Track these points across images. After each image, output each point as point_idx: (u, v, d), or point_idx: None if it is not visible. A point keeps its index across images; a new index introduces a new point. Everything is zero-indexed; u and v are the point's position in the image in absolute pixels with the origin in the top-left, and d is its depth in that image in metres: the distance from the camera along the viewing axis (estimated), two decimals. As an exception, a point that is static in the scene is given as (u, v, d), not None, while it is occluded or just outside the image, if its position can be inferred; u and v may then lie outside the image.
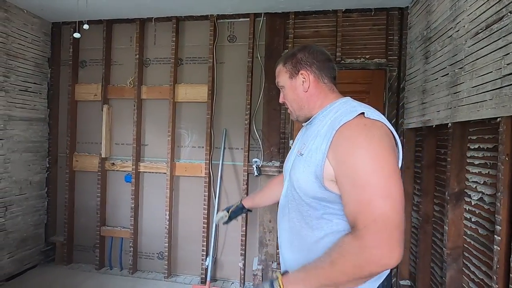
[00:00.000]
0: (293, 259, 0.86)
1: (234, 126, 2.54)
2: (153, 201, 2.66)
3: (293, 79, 0.91)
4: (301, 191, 0.81)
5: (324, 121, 0.83)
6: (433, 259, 1.84)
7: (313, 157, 0.78)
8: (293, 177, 0.85)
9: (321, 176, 0.75)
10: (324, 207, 0.78)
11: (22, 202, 2.54)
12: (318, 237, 0.79)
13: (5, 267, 2.39)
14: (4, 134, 2.37)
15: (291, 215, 0.86)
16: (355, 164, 0.69)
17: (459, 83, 1.45)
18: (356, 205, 0.67)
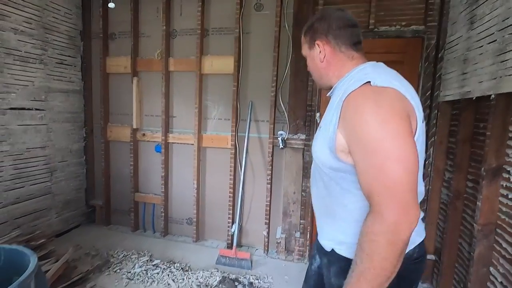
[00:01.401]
0: (324, 221, 0.90)
1: (260, 98, 2.53)
2: (182, 171, 2.78)
3: (311, 50, 0.92)
4: (320, 162, 0.83)
5: (340, 91, 0.80)
6: (461, 235, 1.81)
7: (327, 129, 0.78)
8: (313, 149, 0.87)
9: (333, 147, 0.76)
10: (342, 178, 0.78)
11: (64, 168, 2.76)
12: (342, 204, 0.81)
13: (54, 225, 2.66)
14: (46, 105, 2.53)
15: (317, 183, 0.89)
16: (364, 131, 0.67)
17: (508, 50, 1.33)
18: (369, 172, 0.66)
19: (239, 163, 2.61)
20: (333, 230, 0.86)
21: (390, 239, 0.61)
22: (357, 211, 0.78)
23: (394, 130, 0.65)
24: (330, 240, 0.87)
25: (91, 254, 2.39)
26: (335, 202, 0.82)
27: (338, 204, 0.81)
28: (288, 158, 2.48)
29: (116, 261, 2.30)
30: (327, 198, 0.85)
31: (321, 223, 0.92)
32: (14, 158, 2.31)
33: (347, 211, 0.80)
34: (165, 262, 2.30)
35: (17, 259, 1.12)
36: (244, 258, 2.33)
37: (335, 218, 0.84)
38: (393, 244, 0.62)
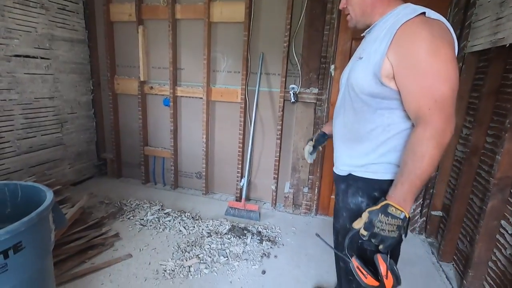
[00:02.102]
0: (345, 149, 1.02)
1: (272, 49, 2.40)
2: (191, 125, 2.76)
3: None
4: (359, 89, 0.91)
5: (383, 26, 0.87)
6: (473, 190, 1.79)
7: (371, 58, 0.86)
8: (351, 78, 0.94)
9: (378, 72, 0.84)
10: (378, 103, 0.88)
11: (74, 120, 2.77)
12: (370, 128, 0.92)
13: (68, 175, 2.74)
14: (50, 54, 2.46)
15: (346, 112, 0.99)
16: (418, 55, 0.77)
17: (557, -15, 1.18)
18: (419, 91, 0.78)
19: (249, 118, 2.56)
20: (353, 155, 0.98)
21: (439, 142, 0.75)
22: (383, 133, 0.90)
23: (443, 56, 0.76)
24: (348, 166, 1.01)
25: (105, 203, 2.48)
26: (364, 127, 0.93)
27: (366, 128, 0.92)
28: (299, 113, 2.42)
29: (129, 209, 2.39)
30: (356, 124, 0.95)
31: (341, 152, 1.05)
32: (23, 108, 2.30)
33: (374, 134, 0.92)
34: (176, 211, 2.38)
35: (34, 195, 1.14)
36: (252, 210, 2.39)
37: (359, 142, 0.95)
38: (440, 146, 0.76)
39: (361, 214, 0.86)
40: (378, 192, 0.92)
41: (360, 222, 0.83)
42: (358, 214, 0.88)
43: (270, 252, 1.96)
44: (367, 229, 0.80)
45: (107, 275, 1.67)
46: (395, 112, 0.87)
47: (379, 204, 0.81)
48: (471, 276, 1.63)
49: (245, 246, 1.98)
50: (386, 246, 0.80)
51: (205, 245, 1.95)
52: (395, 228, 0.78)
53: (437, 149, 0.75)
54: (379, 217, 0.79)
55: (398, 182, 0.81)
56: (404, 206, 0.79)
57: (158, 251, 1.89)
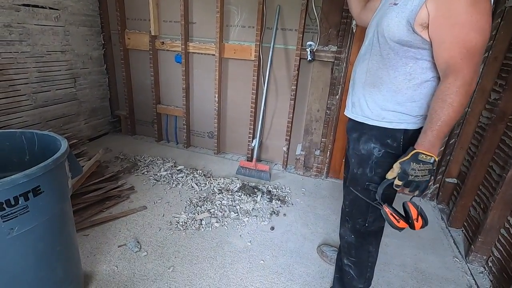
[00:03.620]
0: (363, 94, 1.03)
1: (289, 2, 2.23)
2: (203, 83, 2.70)
3: None
4: (388, 35, 0.91)
5: None
6: (494, 158, 1.72)
7: (408, 4, 0.85)
8: (382, 24, 0.92)
9: (413, 20, 0.84)
10: (405, 51, 0.89)
11: (86, 75, 2.75)
12: (392, 76, 0.93)
13: (83, 131, 2.80)
14: (59, 4, 2.37)
15: (371, 58, 0.99)
16: (459, 5, 0.77)
17: None
18: (454, 41, 0.79)
19: (262, 77, 2.47)
20: (371, 102, 1.00)
21: (467, 90, 0.79)
22: (404, 82, 0.92)
23: (482, 8, 0.77)
24: (362, 111, 1.03)
25: (120, 158, 2.55)
26: (387, 74, 0.94)
27: (389, 75, 0.94)
28: (316, 73, 2.31)
29: (143, 165, 2.45)
30: (379, 70, 0.96)
31: (358, 98, 1.04)
32: (36, 61, 2.28)
33: (395, 82, 0.93)
34: (188, 169, 2.43)
35: (50, 144, 1.17)
36: (263, 170, 2.41)
37: (380, 88, 0.97)
38: (468, 94, 0.80)
39: (371, 159, 1.01)
40: (390, 140, 0.98)
41: (393, 172, 0.89)
42: (367, 159, 1.02)
43: (279, 210, 2.01)
44: (402, 179, 0.86)
45: (123, 224, 1.76)
46: (419, 63, 0.89)
47: (408, 153, 0.86)
48: (480, 242, 1.63)
49: (255, 204, 2.03)
50: (421, 190, 0.87)
51: (216, 201, 2.01)
52: (427, 173, 0.85)
53: (465, 97, 0.80)
54: (411, 165, 0.84)
55: (427, 129, 0.84)
56: (433, 151, 0.84)
57: (171, 205, 1.97)
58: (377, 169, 1.01)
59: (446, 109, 0.80)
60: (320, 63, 2.26)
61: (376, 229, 1.14)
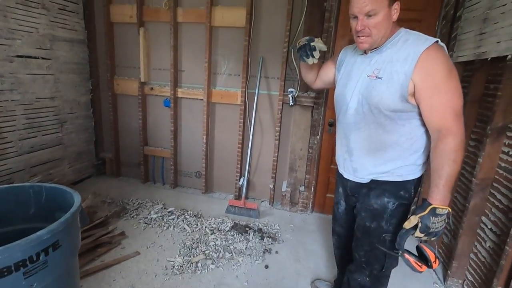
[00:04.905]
0: (369, 160, 1.13)
1: (271, 54, 2.51)
2: (191, 125, 2.83)
3: (390, 7, 1.01)
4: (383, 107, 1.03)
5: (394, 48, 1.03)
6: (457, 189, 1.96)
7: (395, 78, 0.99)
8: (373, 97, 1.04)
9: (406, 93, 0.99)
10: (399, 116, 1.03)
11: (73, 120, 2.78)
12: (396, 138, 1.07)
13: (67, 175, 2.76)
14: (51, 54, 2.47)
15: (369, 126, 1.09)
16: (440, 77, 0.94)
17: (533, 9, 1.34)
18: (443, 106, 0.95)
19: (248, 119, 2.66)
20: (378, 164, 1.11)
21: (464, 146, 0.95)
22: (407, 141, 1.06)
23: (455, 76, 0.95)
24: (372, 174, 1.14)
25: (107, 202, 2.52)
26: (390, 137, 1.06)
27: (392, 138, 1.06)
28: (297, 116, 2.54)
29: (132, 208, 2.44)
30: (381, 136, 1.08)
31: (363, 162, 1.15)
32: (25, 108, 2.31)
33: (399, 142, 1.07)
34: (178, 210, 2.46)
35: (58, 196, 1.20)
36: (252, 208, 2.49)
37: (385, 150, 1.09)
38: (464, 148, 0.96)
39: (386, 212, 1.11)
40: (403, 191, 1.09)
41: (410, 223, 0.95)
42: (382, 213, 1.11)
43: (271, 248, 2.08)
44: (423, 231, 0.93)
45: (117, 271, 1.74)
46: (412, 122, 1.04)
47: (426, 208, 0.93)
48: (455, 267, 1.80)
49: (247, 243, 2.08)
50: (438, 237, 0.97)
51: (210, 242, 2.04)
52: (444, 223, 0.94)
53: (463, 152, 0.95)
54: (431, 220, 0.92)
55: (439, 185, 0.93)
56: (446, 203, 0.94)
57: (165, 248, 1.97)
58: (392, 220, 1.10)
59: (452, 165, 0.92)
60: (301, 107, 2.50)
61: (391, 271, 1.23)
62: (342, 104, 1.17)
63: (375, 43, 1.05)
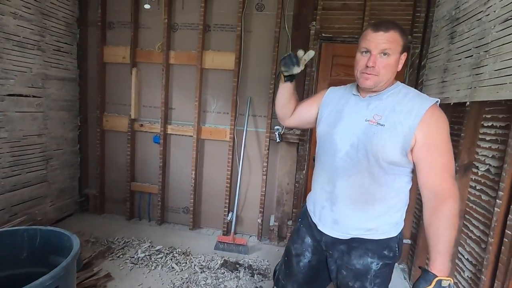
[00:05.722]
0: (353, 211, 1.03)
1: (258, 94, 2.68)
2: (180, 161, 2.88)
3: (401, 54, 0.99)
4: (382, 157, 0.95)
5: (396, 99, 0.99)
6: (435, 221, 2.10)
7: (398, 129, 0.94)
8: (375, 145, 0.96)
9: (408, 145, 0.94)
10: (392, 169, 0.97)
11: (59, 156, 2.75)
12: (385, 192, 1.00)
13: (49, 213, 2.66)
14: (43, 92, 2.51)
15: (361, 174, 1.00)
16: (442, 137, 0.93)
17: (482, 65, 1.58)
18: (442, 166, 0.92)
19: (237, 155, 2.75)
20: (364, 218, 1.02)
21: (460, 210, 0.94)
22: (395, 197, 1.01)
23: (449, 138, 0.95)
24: (356, 229, 1.03)
25: (91, 241, 2.44)
26: (380, 190, 0.99)
27: (382, 191, 0.99)
28: (284, 152, 2.66)
29: (117, 247, 2.37)
30: (372, 187, 0.99)
31: (348, 214, 1.03)
32: (11, 146, 2.28)
33: (387, 197, 1.00)
34: (166, 248, 2.41)
35: (53, 239, 1.20)
36: (241, 244, 2.50)
37: (373, 204, 1.01)
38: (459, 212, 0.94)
39: (369, 273, 1.01)
40: (387, 250, 1.02)
41: None
42: (365, 273, 1.02)
43: (262, 285, 2.07)
44: None
45: (104, 317, 1.67)
46: (401, 178, 0.99)
47: (431, 282, 0.85)
48: (439, 298, 1.87)
49: (238, 280, 2.07)
50: None
51: (200, 281, 2.01)
52: None
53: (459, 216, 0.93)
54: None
55: (442, 252, 0.87)
56: (448, 273, 0.87)
57: (153, 290, 1.92)
58: (376, 280, 1.03)
59: (453, 231, 0.87)
60: (287, 144, 2.64)
61: None
62: (330, 145, 1.06)
63: (379, 84, 0.99)
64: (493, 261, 1.42)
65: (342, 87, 1.20)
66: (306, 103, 1.26)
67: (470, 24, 1.76)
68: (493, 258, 1.42)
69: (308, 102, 1.26)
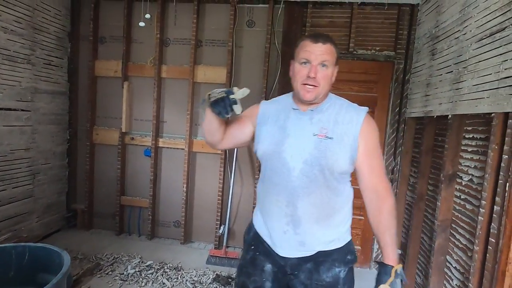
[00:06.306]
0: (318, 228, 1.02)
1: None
2: (171, 174, 2.86)
3: (335, 66, 1.01)
4: (337, 169, 0.98)
5: (334, 110, 1.02)
6: (423, 231, 2.15)
7: (345, 140, 0.98)
8: (329, 158, 0.96)
9: (355, 154, 0.99)
10: (343, 178, 1.03)
11: (47, 171, 2.70)
12: (340, 201, 1.05)
13: (35, 230, 2.58)
14: (32, 106, 2.48)
15: (320, 191, 0.99)
16: (377, 143, 1.02)
17: (462, 80, 1.68)
18: (380, 169, 1.01)
19: (229, 168, 2.76)
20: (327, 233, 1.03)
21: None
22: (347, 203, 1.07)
23: None
24: (321, 243, 1.03)
25: (79, 258, 2.37)
26: (336, 201, 1.03)
27: (338, 201, 1.03)
28: (275, 164, 2.69)
29: (106, 263, 2.32)
30: (331, 200, 1.01)
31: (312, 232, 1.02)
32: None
33: (342, 205, 1.05)
34: (157, 263, 2.37)
35: (42, 257, 1.18)
36: (234, 258, 2.48)
37: (333, 216, 1.03)
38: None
39: (339, 283, 1.02)
40: (349, 255, 1.06)
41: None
42: (335, 284, 1.02)
43: (255, 299, 2.05)
44: None
45: (92, 337, 1.61)
46: (348, 184, 1.06)
47: (391, 273, 0.91)
48: (430, 307, 1.90)
49: (230, 295, 2.05)
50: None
51: (192, 297, 1.98)
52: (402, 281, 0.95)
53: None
54: (397, 282, 0.91)
55: (392, 245, 0.95)
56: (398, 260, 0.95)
57: (144, 307, 1.88)
58: (345, 287, 1.05)
59: (395, 223, 0.97)
60: (278, 156, 2.67)
61: None
62: (281, 165, 1.00)
63: (319, 96, 0.99)
64: (479, 269, 1.46)
65: (275, 100, 1.15)
66: (238, 123, 1.13)
67: (449, 42, 1.87)
68: (479, 265, 1.46)
69: (240, 122, 1.12)
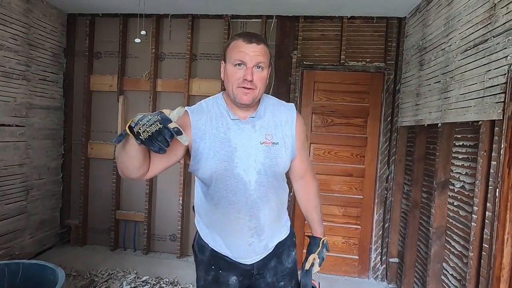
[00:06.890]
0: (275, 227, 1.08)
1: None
2: (167, 188, 2.85)
3: (269, 67, 0.99)
4: (284, 170, 1.03)
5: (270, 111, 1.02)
6: (419, 238, 2.16)
7: (287, 142, 1.01)
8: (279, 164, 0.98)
9: (295, 152, 1.05)
10: (281, 176, 1.05)
11: (41, 186, 2.67)
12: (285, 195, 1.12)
13: (27, 247, 2.53)
14: (26, 122, 2.48)
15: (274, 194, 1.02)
16: (305, 135, 1.12)
17: (449, 90, 1.73)
18: (307, 157, 1.13)
19: (224, 180, 2.76)
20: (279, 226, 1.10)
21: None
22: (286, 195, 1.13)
23: None
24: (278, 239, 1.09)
25: (72, 275, 2.32)
26: (282, 201, 1.10)
27: (282, 200, 1.10)
28: (271, 175, 2.70)
29: (101, 280, 2.27)
30: (279, 202, 1.07)
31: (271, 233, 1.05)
32: (-10, 176, 2.22)
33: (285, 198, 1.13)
34: (153, 279, 2.33)
35: (36, 274, 1.16)
36: (231, 270, 2.44)
37: (282, 212, 1.11)
38: None
39: (296, 265, 1.14)
40: (294, 236, 1.17)
41: (309, 263, 1.07)
42: (295, 266, 1.14)
43: (253, 312, 2.02)
44: (321, 264, 1.09)
45: None
46: (283, 177, 1.06)
47: (319, 244, 1.10)
48: (429, 316, 1.89)
49: (228, 309, 2.01)
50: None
51: (189, 312, 1.94)
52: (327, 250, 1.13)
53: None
54: (324, 252, 1.10)
55: (319, 220, 1.13)
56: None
57: (140, 324, 1.84)
58: (296, 265, 1.15)
59: (320, 201, 1.14)
60: (274, 166, 2.69)
61: None
62: (236, 182, 0.96)
63: (256, 99, 0.95)
64: (474, 275, 1.47)
65: (200, 109, 1.01)
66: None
67: (436, 53, 1.94)
68: (475, 272, 1.47)
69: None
